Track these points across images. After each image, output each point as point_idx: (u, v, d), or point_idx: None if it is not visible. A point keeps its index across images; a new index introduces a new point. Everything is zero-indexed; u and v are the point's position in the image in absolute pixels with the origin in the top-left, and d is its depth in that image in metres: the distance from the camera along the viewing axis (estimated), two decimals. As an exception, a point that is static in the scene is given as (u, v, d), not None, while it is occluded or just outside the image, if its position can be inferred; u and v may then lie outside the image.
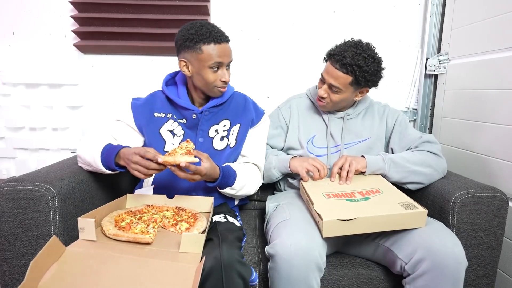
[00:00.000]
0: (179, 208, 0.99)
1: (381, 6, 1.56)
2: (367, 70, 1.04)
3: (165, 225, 0.90)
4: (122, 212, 0.93)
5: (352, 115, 1.21)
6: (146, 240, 0.79)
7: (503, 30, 1.17)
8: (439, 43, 1.53)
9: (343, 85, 1.07)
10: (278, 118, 1.28)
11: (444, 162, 1.12)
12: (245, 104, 1.18)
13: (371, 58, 1.05)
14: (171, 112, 1.12)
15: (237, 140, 1.14)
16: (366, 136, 1.20)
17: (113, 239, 0.81)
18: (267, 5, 1.55)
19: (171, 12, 1.47)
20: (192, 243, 0.77)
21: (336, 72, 1.06)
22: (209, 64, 1.00)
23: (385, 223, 0.90)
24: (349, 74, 1.05)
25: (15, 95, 1.48)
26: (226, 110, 1.14)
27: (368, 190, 1.02)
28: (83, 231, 0.79)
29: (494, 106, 1.21)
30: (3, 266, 0.90)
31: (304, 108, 1.27)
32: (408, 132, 1.18)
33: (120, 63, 1.57)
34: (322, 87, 1.12)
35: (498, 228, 1.00)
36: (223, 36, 1.02)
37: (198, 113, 1.09)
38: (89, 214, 0.83)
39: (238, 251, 0.84)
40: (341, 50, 1.06)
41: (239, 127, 1.14)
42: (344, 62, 1.04)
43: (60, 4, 1.49)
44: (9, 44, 1.51)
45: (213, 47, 0.99)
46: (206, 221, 0.90)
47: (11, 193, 0.89)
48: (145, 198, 1.04)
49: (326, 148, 1.20)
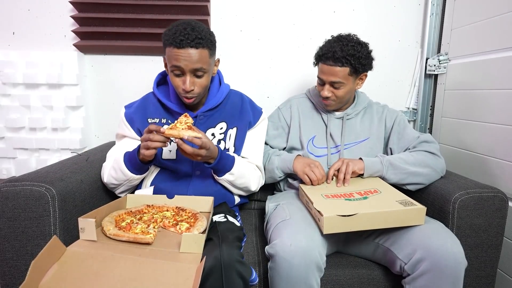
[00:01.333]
0: (179, 208, 0.99)
1: (381, 6, 1.56)
2: (360, 55, 1.08)
3: (165, 225, 0.90)
4: (123, 212, 0.93)
5: (351, 115, 1.22)
6: (147, 240, 0.79)
7: (503, 30, 1.17)
8: (439, 43, 1.53)
9: (344, 78, 1.09)
10: (279, 118, 1.29)
11: (442, 161, 1.12)
12: (241, 104, 1.15)
13: (358, 44, 1.09)
14: (165, 117, 1.09)
15: (235, 146, 1.12)
16: (365, 137, 1.20)
17: (113, 239, 0.81)
18: (267, 5, 1.55)
19: (171, 12, 1.47)
20: (192, 243, 0.77)
21: (333, 69, 1.08)
22: (170, 68, 0.97)
23: (385, 220, 0.90)
24: (346, 65, 1.07)
25: (15, 95, 1.48)
26: (222, 112, 1.11)
27: (367, 190, 1.02)
28: (83, 231, 0.79)
29: (494, 106, 1.21)
30: (3, 266, 0.90)
31: (304, 108, 1.27)
32: (407, 132, 1.18)
33: (120, 63, 1.57)
34: (324, 88, 1.13)
35: (498, 228, 1.00)
36: (187, 41, 0.92)
37: (193, 117, 1.06)
38: (89, 214, 0.83)
39: (238, 251, 0.84)
40: (329, 48, 1.09)
41: (236, 131, 1.12)
42: (337, 56, 1.06)
43: (60, 4, 1.49)
44: (9, 44, 1.51)
45: (173, 50, 0.93)
46: (206, 221, 0.91)
47: (11, 193, 0.89)
48: (145, 199, 1.04)
49: (326, 148, 1.21)
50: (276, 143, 1.28)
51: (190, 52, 0.93)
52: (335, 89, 1.12)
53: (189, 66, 0.94)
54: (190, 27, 0.94)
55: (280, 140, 1.28)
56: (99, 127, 1.62)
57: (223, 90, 1.12)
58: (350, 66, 1.08)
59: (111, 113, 1.60)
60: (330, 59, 1.08)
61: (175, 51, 0.93)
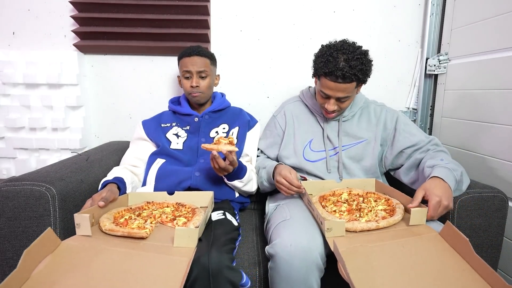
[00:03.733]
0: (179, 204, 1.00)
1: (381, 6, 1.56)
2: (366, 68, 1.05)
3: (163, 220, 0.90)
4: (122, 209, 0.94)
5: (348, 116, 1.21)
6: (141, 234, 0.80)
7: (503, 30, 1.17)
8: (439, 43, 1.53)
9: (351, 91, 1.07)
10: (275, 126, 1.28)
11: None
12: (240, 111, 1.36)
13: (362, 54, 1.04)
14: (176, 121, 1.29)
15: (238, 138, 1.27)
16: (363, 138, 1.19)
17: (109, 234, 0.82)
18: (267, 5, 1.55)
19: (171, 12, 1.47)
20: (185, 237, 0.77)
21: (341, 86, 1.05)
22: (182, 73, 1.25)
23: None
24: (354, 80, 1.05)
25: (15, 95, 1.48)
26: (224, 116, 1.32)
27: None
28: (79, 226, 0.79)
29: (494, 106, 1.21)
30: (3, 266, 0.90)
31: (298, 112, 1.26)
32: (413, 132, 1.16)
33: (120, 63, 1.57)
34: (330, 102, 1.10)
35: (498, 228, 1.00)
36: (194, 51, 1.23)
37: (200, 117, 1.27)
38: (86, 210, 0.84)
39: (227, 256, 0.83)
40: (334, 64, 1.02)
41: (238, 129, 1.29)
42: (346, 75, 1.02)
43: (60, 4, 1.49)
44: (9, 44, 1.51)
45: (184, 60, 1.24)
46: (204, 215, 0.91)
47: (11, 192, 0.89)
48: (145, 196, 1.05)
49: (324, 152, 1.20)
50: (273, 153, 1.28)
51: (196, 59, 1.23)
52: (341, 102, 1.10)
53: (195, 68, 1.23)
54: (196, 46, 1.27)
55: (277, 148, 1.27)
56: (99, 127, 1.62)
57: (225, 100, 1.37)
58: (357, 79, 1.05)
59: (111, 113, 1.60)
60: (338, 77, 1.03)
61: (186, 60, 1.24)
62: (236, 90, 1.59)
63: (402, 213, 0.91)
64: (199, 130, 1.25)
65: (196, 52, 1.23)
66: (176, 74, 1.56)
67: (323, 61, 1.05)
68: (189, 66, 1.22)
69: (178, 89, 1.59)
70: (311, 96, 1.26)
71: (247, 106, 1.58)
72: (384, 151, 1.21)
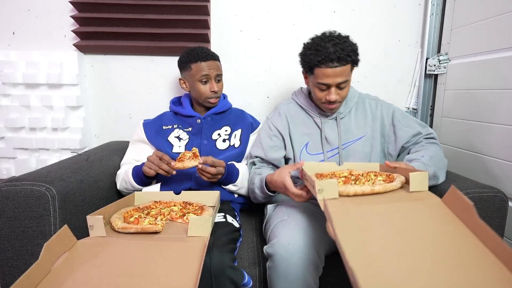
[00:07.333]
0: (186, 202, 1.00)
1: (381, 6, 1.56)
2: (355, 48, 1.07)
3: (173, 217, 0.91)
4: (131, 209, 0.94)
5: (344, 113, 1.19)
6: (155, 229, 0.80)
7: (503, 30, 1.17)
8: (439, 43, 1.53)
9: (348, 75, 1.08)
10: (270, 128, 1.23)
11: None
12: (242, 113, 1.36)
13: (345, 37, 1.07)
14: (177, 123, 1.28)
15: (241, 141, 1.28)
16: (362, 134, 1.18)
17: (122, 233, 0.82)
18: (267, 5, 1.55)
19: (171, 12, 1.47)
20: (199, 226, 0.78)
21: (338, 70, 1.04)
22: (198, 78, 1.22)
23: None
24: (348, 62, 1.05)
25: (15, 95, 1.48)
26: (226, 119, 1.31)
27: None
28: (92, 228, 0.80)
29: (494, 106, 1.21)
30: (3, 266, 0.91)
31: (293, 114, 1.22)
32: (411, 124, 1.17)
33: (120, 63, 1.57)
34: (331, 92, 1.08)
35: (498, 228, 1.00)
36: (209, 55, 1.23)
37: (202, 118, 1.26)
38: (98, 211, 0.84)
39: (229, 255, 0.84)
40: (324, 51, 1.03)
41: (241, 131, 1.29)
42: (341, 57, 1.02)
43: (60, 4, 1.49)
44: (9, 44, 1.51)
45: (200, 64, 1.21)
46: (213, 211, 0.92)
47: (11, 192, 0.89)
48: (152, 195, 1.06)
49: (322, 154, 1.17)
50: (276, 155, 1.19)
51: (212, 63, 1.23)
52: (341, 90, 1.09)
53: (213, 73, 1.23)
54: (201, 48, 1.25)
55: (278, 149, 1.21)
56: (99, 127, 1.62)
57: (227, 101, 1.35)
58: (351, 62, 1.06)
59: (111, 113, 1.60)
60: (334, 61, 1.03)
61: (203, 64, 1.21)
62: (236, 90, 1.59)
63: (402, 181, 0.84)
64: (201, 132, 1.25)
65: (211, 56, 1.24)
66: (176, 74, 1.56)
67: (312, 52, 1.05)
68: (207, 70, 1.21)
69: (178, 89, 1.59)
70: (304, 97, 1.23)
71: (247, 106, 1.58)
72: (387, 147, 1.20)
